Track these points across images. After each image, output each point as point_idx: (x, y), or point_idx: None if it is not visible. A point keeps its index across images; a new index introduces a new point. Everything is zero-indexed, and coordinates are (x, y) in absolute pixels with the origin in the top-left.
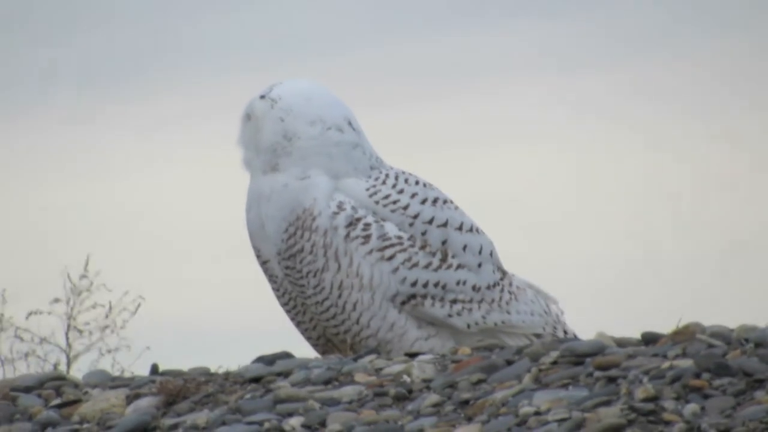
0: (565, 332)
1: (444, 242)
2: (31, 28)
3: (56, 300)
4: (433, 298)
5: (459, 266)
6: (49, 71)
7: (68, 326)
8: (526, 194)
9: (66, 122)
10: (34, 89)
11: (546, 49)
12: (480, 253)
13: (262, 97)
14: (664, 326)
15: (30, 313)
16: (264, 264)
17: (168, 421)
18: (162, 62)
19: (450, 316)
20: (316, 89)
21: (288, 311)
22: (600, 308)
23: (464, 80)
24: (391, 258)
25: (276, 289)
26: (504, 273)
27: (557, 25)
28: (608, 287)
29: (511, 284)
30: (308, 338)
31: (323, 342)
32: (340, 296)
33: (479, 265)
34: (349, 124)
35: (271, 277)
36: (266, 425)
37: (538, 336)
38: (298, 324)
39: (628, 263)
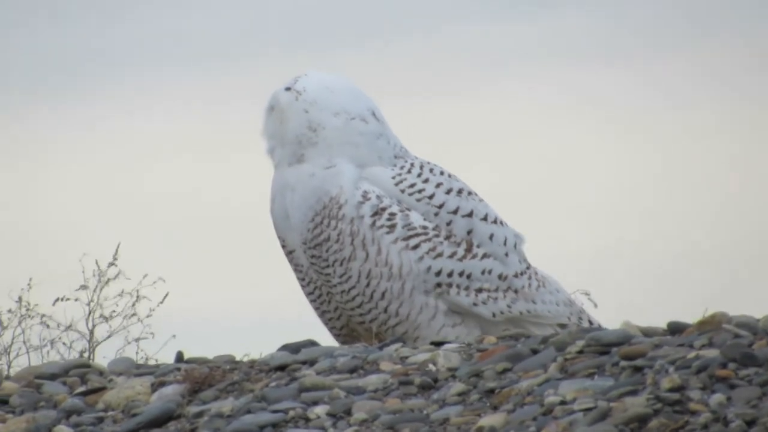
0: (590, 323)
1: (469, 232)
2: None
3: (83, 287)
4: (458, 287)
5: (485, 255)
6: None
7: (90, 313)
8: (549, 183)
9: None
10: (56, 76)
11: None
12: (505, 243)
13: (287, 89)
14: (690, 316)
15: (57, 299)
16: (289, 254)
17: (193, 409)
18: (185, 49)
19: (475, 305)
20: (339, 81)
21: (312, 300)
22: (626, 298)
23: (480, 72)
24: (415, 247)
25: (301, 279)
26: (528, 265)
27: (577, 17)
28: (634, 277)
29: (537, 274)
30: (331, 328)
31: (346, 332)
32: (368, 285)
33: (506, 255)
34: (373, 114)
35: (297, 267)
36: (291, 413)
37: (563, 326)
38: (322, 314)
39: (653, 253)
